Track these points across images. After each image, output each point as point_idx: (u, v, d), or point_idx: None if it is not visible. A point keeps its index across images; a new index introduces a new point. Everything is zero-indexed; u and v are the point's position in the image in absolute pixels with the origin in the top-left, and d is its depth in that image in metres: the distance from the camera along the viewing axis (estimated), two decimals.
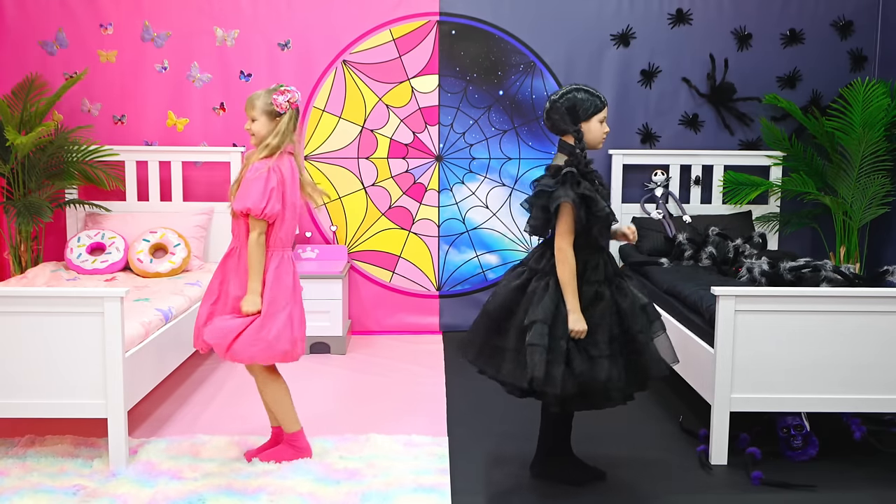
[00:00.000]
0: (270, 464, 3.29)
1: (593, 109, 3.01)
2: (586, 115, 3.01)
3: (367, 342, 5.28)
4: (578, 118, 3.00)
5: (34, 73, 5.03)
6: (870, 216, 5.05)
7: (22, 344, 3.22)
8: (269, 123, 3.20)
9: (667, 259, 4.79)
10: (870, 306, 3.29)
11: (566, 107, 3.00)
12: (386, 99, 5.34)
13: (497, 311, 3.01)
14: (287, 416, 3.34)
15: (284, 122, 3.19)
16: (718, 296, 3.28)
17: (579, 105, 2.99)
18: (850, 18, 5.36)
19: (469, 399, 4.12)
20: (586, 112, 3.00)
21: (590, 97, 3.01)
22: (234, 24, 5.22)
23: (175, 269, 4.73)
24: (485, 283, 5.54)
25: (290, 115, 3.21)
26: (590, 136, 3.02)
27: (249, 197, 3.11)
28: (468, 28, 5.31)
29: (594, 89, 3.05)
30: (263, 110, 3.19)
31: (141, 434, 3.66)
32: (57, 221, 5.13)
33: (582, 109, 2.99)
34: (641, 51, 5.36)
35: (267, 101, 3.18)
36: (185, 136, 5.28)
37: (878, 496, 3.12)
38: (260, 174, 3.13)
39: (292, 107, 3.21)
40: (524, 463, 3.33)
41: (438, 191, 5.45)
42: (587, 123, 3.01)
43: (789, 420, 3.44)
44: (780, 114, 5.40)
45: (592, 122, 3.02)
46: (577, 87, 3.04)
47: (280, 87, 3.20)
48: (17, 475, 3.20)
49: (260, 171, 3.14)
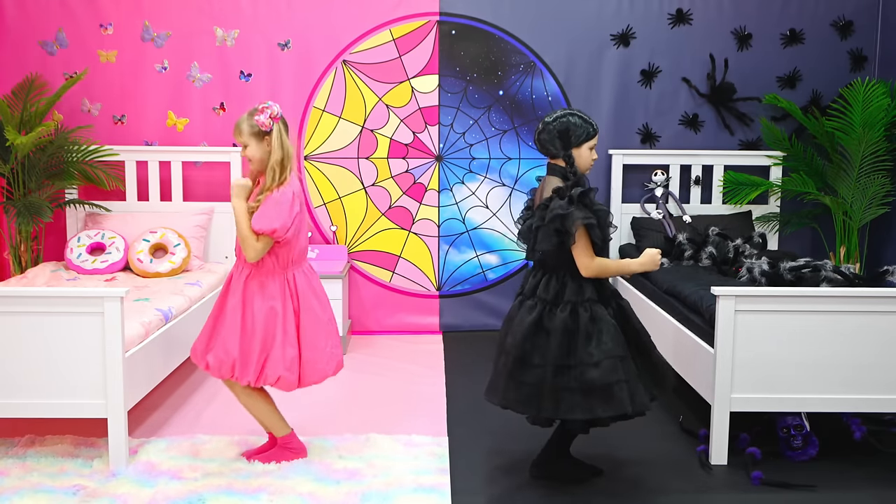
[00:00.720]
0: (271, 464, 3.29)
1: (585, 136, 3.01)
2: (577, 141, 3.00)
3: (367, 342, 5.28)
4: (570, 143, 2.99)
5: (34, 73, 5.03)
6: (870, 216, 5.05)
7: (22, 344, 3.22)
8: (261, 144, 3.18)
9: (667, 259, 4.79)
10: (870, 306, 3.29)
11: (558, 130, 2.99)
12: (386, 99, 5.34)
13: (518, 349, 2.97)
14: (273, 422, 3.35)
15: (275, 137, 3.17)
16: (718, 296, 3.28)
17: (572, 130, 2.99)
18: (850, 18, 5.36)
19: (469, 399, 4.12)
20: (578, 138, 3.00)
21: (583, 123, 3.01)
22: (234, 24, 5.22)
23: (175, 269, 4.73)
24: (485, 283, 5.54)
25: (278, 129, 3.18)
26: (578, 162, 3.01)
27: (275, 219, 3.10)
28: (468, 28, 5.31)
29: (587, 116, 3.05)
30: (250, 133, 3.18)
31: (141, 434, 3.66)
32: (57, 221, 5.13)
33: (574, 135, 2.99)
34: (641, 51, 5.36)
35: (251, 125, 3.17)
36: (185, 136, 5.28)
37: (878, 496, 3.12)
38: (287, 198, 3.14)
39: (275, 121, 3.18)
40: (524, 462, 3.33)
41: (438, 191, 5.45)
42: (577, 150, 3.01)
43: (789, 420, 3.44)
44: (780, 114, 5.40)
45: (583, 148, 3.02)
46: (572, 111, 3.03)
47: (258, 107, 3.18)
48: (17, 475, 3.20)
49: (286, 195, 3.14)
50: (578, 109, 3.07)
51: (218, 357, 3.20)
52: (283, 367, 3.18)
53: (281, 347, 3.18)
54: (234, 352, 3.18)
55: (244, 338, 3.18)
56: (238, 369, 3.18)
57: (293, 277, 3.25)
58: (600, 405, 2.90)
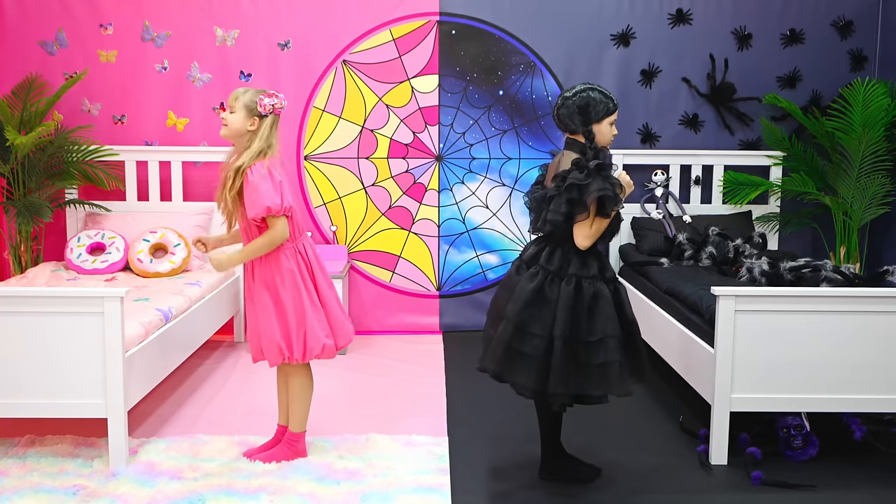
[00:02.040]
0: (271, 464, 3.29)
1: (605, 111, 3.00)
2: (598, 117, 2.99)
3: (367, 342, 5.27)
4: (590, 118, 2.98)
5: (34, 73, 5.03)
6: (870, 216, 5.05)
7: (22, 344, 3.22)
8: (246, 120, 3.14)
9: (667, 259, 4.79)
10: (870, 306, 3.29)
11: (578, 105, 2.98)
12: (386, 99, 5.34)
13: (518, 316, 2.93)
14: (303, 414, 3.35)
15: (267, 127, 3.15)
16: (718, 296, 3.28)
17: (592, 105, 2.97)
18: (850, 18, 5.36)
19: (469, 399, 4.12)
20: (598, 113, 2.98)
21: (603, 98, 2.99)
22: (234, 24, 5.22)
23: (175, 269, 4.73)
24: (485, 283, 5.53)
25: (272, 120, 3.17)
26: (599, 138, 3.00)
27: (265, 197, 3.07)
28: (468, 28, 5.31)
29: (608, 91, 3.03)
30: (245, 105, 3.14)
31: (141, 434, 3.66)
32: (57, 221, 5.13)
33: (594, 111, 2.98)
34: (641, 51, 5.36)
35: (252, 99, 3.14)
36: (185, 136, 5.28)
37: (878, 496, 3.12)
38: (262, 175, 3.10)
39: (275, 112, 3.17)
40: (524, 463, 3.33)
41: (438, 191, 5.45)
42: (598, 125, 2.99)
43: (789, 420, 3.44)
44: (780, 114, 5.40)
45: (603, 123, 3.01)
46: (591, 86, 3.01)
47: (269, 91, 3.17)
48: (17, 475, 3.20)
49: (260, 171, 3.11)
50: (598, 84, 3.05)
51: (266, 346, 3.22)
52: (324, 335, 3.22)
53: (315, 318, 3.21)
54: (276, 336, 3.19)
55: (280, 319, 3.19)
56: (286, 350, 3.20)
57: (303, 247, 3.26)
58: (591, 383, 2.88)
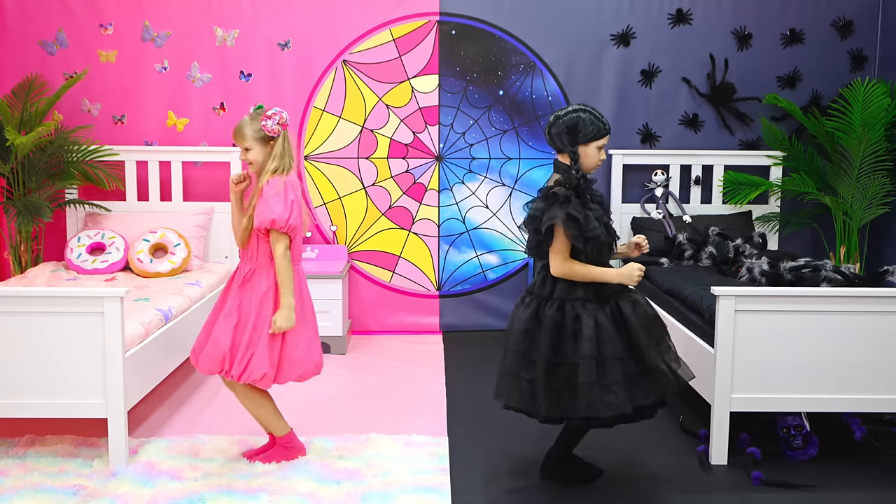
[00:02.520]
0: (271, 464, 3.29)
1: (594, 134, 2.95)
2: (585, 139, 2.94)
3: (367, 342, 5.27)
4: (577, 139, 2.94)
5: (34, 73, 5.03)
6: (870, 216, 5.05)
7: (22, 344, 3.22)
8: (265, 149, 3.17)
9: (667, 259, 4.80)
10: (870, 306, 3.29)
11: (567, 125, 2.94)
12: (386, 99, 5.34)
13: (518, 344, 2.96)
14: (273, 421, 3.34)
15: (280, 145, 3.16)
16: (718, 296, 3.28)
17: (581, 127, 2.93)
18: (850, 18, 5.36)
19: (469, 399, 4.12)
20: (586, 136, 2.94)
21: (593, 121, 2.94)
22: (234, 24, 5.22)
23: (175, 269, 4.73)
24: (485, 283, 5.54)
25: (283, 136, 3.18)
26: (584, 161, 2.94)
27: (273, 210, 3.08)
28: (468, 28, 5.31)
29: (600, 115, 2.99)
30: (255, 138, 3.16)
31: (141, 434, 3.66)
32: (57, 221, 5.13)
33: (583, 132, 2.93)
34: (641, 51, 5.36)
35: (256, 129, 3.15)
36: (185, 136, 5.28)
37: (878, 496, 3.12)
38: (277, 189, 3.11)
39: (283, 127, 3.17)
40: (524, 462, 3.33)
41: (438, 191, 5.44)
42: (584, 147, 2.95)
43: (789, 420, 3.44)
44: (780, 114, 5.40)
45: (590, 146, 2.95)
46: (586, 108, 2.98)
47: (263, 111, 3.16)
48: (17, 475, 3.20)
49: (277, 186, 3.12)
50: (593, 107, 3.02)
51: (211, 351, 3.19)
52: (269, 364, 3.15)
53: (268, 345, 3.15)
54: (224, 346, 3.16)
55: (237, 332, 3.17)
56: (227, 364, 3.16)
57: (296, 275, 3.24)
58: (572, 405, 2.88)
